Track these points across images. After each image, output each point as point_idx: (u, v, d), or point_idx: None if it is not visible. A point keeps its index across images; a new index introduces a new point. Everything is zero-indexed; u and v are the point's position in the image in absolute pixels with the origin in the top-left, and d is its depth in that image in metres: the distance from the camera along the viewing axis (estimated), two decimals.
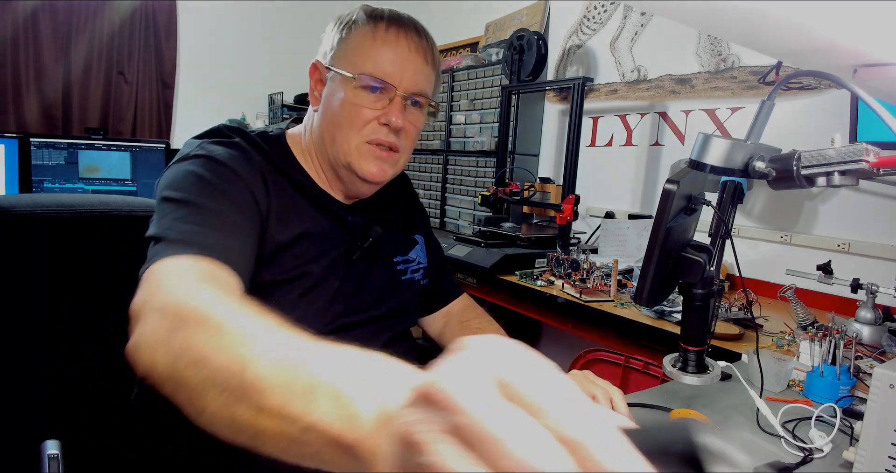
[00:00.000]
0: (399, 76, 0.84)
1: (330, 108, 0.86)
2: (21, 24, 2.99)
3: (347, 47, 0.85)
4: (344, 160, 0.86)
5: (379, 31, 0.84)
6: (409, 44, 0.85)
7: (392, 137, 0.86)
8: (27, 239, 0.91)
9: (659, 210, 0.72)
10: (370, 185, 0.89)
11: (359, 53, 0.84)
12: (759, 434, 0.83)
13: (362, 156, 0.85)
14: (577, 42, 2.46)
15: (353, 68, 0.83)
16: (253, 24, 3.70)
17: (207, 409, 0.38)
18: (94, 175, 2.75)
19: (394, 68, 0.83)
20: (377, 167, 0.86)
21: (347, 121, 0.84)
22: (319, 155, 0.89)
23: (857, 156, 0.60)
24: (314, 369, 0.34)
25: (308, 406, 0.32)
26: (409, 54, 0.84)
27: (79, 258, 0.91)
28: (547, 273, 1.78)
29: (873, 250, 1.56)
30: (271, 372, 0.35)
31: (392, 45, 0.83)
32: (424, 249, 1.06)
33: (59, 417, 0.87)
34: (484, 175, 2.57)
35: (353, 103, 0.83)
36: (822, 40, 0.59)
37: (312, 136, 0.90)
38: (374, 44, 0.83)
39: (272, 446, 0.34)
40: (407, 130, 0.87)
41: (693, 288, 0.78)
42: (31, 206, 0.92)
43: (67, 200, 0.97)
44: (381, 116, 0.84)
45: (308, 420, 0.31)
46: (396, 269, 0.97)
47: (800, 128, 1.70)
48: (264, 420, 0.34)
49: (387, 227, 0.98)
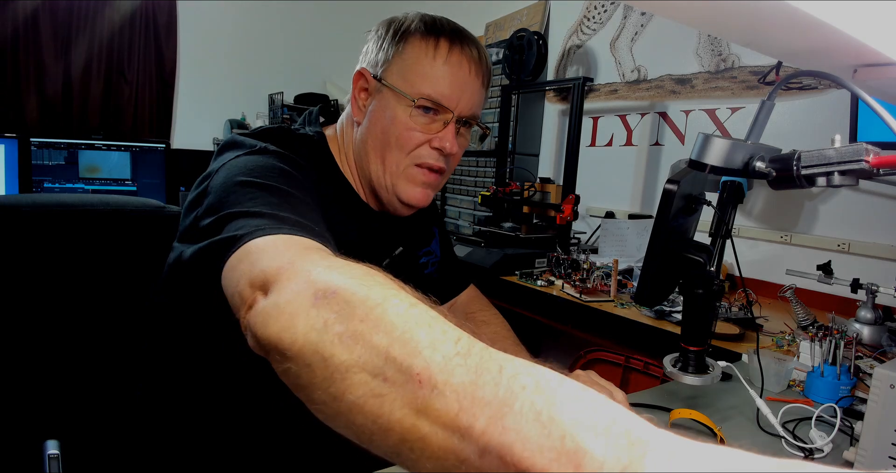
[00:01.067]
0: (457, 99, 0.80)
1: (378, 125, 0.81)
2: (21, 24, 2.98)
3: (404, 62, 0.80)
4: (389, 181, 0.82)
5: (441, 50, 0.79)
6: (471, 66, 0.81)
7: (442, 161, 0.83)
8: (27, 239, 0.91)
9: (659, 210, 0.72)
10: (410, 208, 0.86)
11: (417, 72, 0.79)
12: (760, 434, 0.83)
13: (409, 180, 0.83)
14: (577, 42, 2.46)
15: (409, 87, 0.79)
16: (253, 23, 3.69)
17: (348, 396, 0.32)
18: (94, 175, 2.75)
19: (452, 91, 0.79)
20: (422, 192, 0.84)
21: (398, 142, 0.81)
22: (360, 170, 0.86)
23: (857, 156, 0.60)
24: (514, 377, 0.27)
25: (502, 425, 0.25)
26: (468, 78, 0.81)
27: (79, 258, 0.91)
28: (547, 273, 1.78)
29: (873, 250, 1.56)
30: (451, 368, 0.29)
31: (454, 67, 0.79)
32: (439, 241, 1.06)
33: (59, 417, 0.87)
34: (484, 175, 2.57)
35: (406, 125, 0.80)
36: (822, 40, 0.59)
37: (354, 148, 0.86)
38: (435, 64, 0.79)
39: (425, 461, 0.28)
40: (457, 155, 0.84)
41: (693, 288, 0.78)
42: (31, 206, 0.92)
43: (67, 200, 0.97)
44: (433, 140, 0.81)
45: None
46: (419, 264, 0.97)
47: (800, 128, 1.70)
48: (426, 426, 0.28)
49: (408, 221, 0.96)
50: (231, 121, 3.49)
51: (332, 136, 0.89)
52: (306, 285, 0.40)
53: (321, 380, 0.33)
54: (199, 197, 0.67)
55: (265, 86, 3.68)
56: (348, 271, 0.41)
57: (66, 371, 0.75)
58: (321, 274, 0.41)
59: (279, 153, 0.73)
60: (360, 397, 0.31)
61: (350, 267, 0.42)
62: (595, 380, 0.80)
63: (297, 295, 0.39)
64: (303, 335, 0.36)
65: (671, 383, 0.99)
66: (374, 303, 0.35)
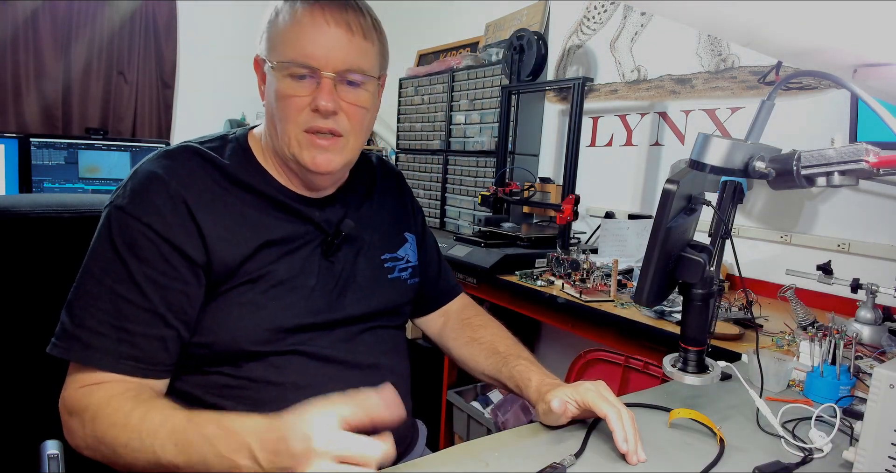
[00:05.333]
0: (324, 56, 0.78)
1: (269, 102, 0.83)
2: (21, 24, 2.99)
3: (273, 36, 0.81)
4: (289, 153, 0.82)
5: (296, 13, 0.79)
6: (330, 19, 0.78)
7: (330, 122, 0.81)
8: (27, 239, 0.91)
9: (659, 210, 0.72)
10: (322, 176, 0.86)
11: (280, 41, 0.80)
12: (759, 434, 0.83)
13: (303, 147, 0.82)
14: (577, 42, 2.46)
15: (277, 57, 0.80)
16: (253, 24, 3.69)
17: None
18: (94, 175, 2.75)
19: (316, 49, 0.78)
20: (320, 157, 0.82)
21: (282, 112, 0.81)
22: (275, 151, 0.86)
23: (857, 156, 0.60)
24: (201, 446, 0.63)
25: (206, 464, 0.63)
26: (331, 30, 0.78)
27: (79, 258, 0.91)
28: (547, 273, 1.78)
29: (873, 250, 1.56)
30: (176, 455, 0.64)
31: (310, 25, 0.78)
32: (415, 248, 1.04)
33: (59, 417, 0.87)
34: (484, 175, 2.57)
35: (283, 94, 0.80)
36: (822, 40, 0.59)
37: (266, 132, 0.88)
38: (293, 27, 0.79)
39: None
40: (346, 111, 0.82)
41: (693, 288, 0.78)
42: (31, 206, 0.92)
43: (67, 200, 0.97)
44: (311, 102, 0.80)
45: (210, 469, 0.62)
46: (383, 267, 0.96)
47: (800, 128, 1.70)
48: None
49: (374, 224, 0.96)
50: (231, 120, 3.49)
51: (255, 135, 0.90)
52: (93, 440, 0.70)
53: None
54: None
55: None
56: (120, 415, 0.69)
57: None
58: (100, 433, 0.70)
59: (130, 215, 0.76)
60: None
61: (124, 410, 0.70)
62: (605, 396, 0.77)
63: (83, 438, 0.72)
64: (92, 456, 0.72)
65: (671, 383, 0.99)
66: (133, 432, 0.68)
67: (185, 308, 0.76)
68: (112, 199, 0.79)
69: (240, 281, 0.79)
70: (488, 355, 1.00)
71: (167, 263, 0.75)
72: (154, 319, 0.74)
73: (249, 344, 0.78)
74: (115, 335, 0.73)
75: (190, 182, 0.79)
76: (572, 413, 0.79)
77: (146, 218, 0.75)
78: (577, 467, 0.71)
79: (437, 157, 2.89)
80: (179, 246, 0.76)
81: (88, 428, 0.69)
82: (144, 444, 0.65)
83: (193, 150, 0.84)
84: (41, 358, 0.90)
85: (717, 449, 0.76)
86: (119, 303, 0.73)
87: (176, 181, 0.78)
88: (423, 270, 1.06)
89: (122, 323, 0.73)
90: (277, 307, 0.81)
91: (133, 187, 0.78)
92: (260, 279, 0.80)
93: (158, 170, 0.79)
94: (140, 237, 0.75)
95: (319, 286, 0.85)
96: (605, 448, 0.75)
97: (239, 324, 0.78)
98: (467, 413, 2.12)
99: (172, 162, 0.81)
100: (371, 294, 0.91)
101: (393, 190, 1.05)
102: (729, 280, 1.72)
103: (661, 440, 0.79)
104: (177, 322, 0.76)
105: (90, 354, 0.72)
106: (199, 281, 0.77)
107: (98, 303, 0.73)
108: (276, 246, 0.82)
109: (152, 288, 0.74)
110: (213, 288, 0.78)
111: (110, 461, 0.69)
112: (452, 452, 0.75)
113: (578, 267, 1.66)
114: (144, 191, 0.77)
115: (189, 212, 0.77)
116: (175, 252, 0.76)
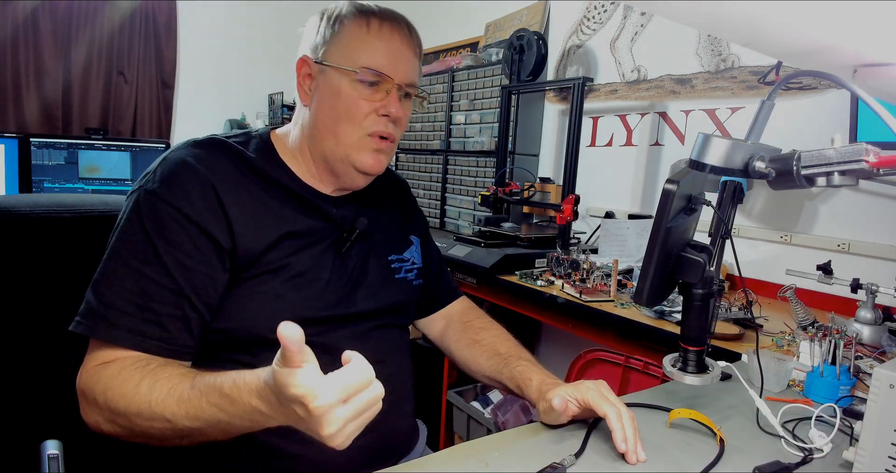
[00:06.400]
0: (394, 68, 0.86)
1: (327, 103, 0.87)
2: (21, 24, 2.99)
3: (340, 42, 0.86)
4: (343, 153, 0.87)
5: (373, 26, 0.86)
6: (401, 38, 0.88)
7: (391, 128, 0.88)
8: (27, 239, 0.91)
9: (659, 210, 0.72)
10: (367, 177, 0.91)
11: (354, 48, 0.85)
12: (759, 434, 0.83)
13: (362, 149, 0.87)
14: (577, 42, 2.46)
15: (350, 62, 0.85)
16: (253, 24, 3.70)
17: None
18: (94, 175, 2.75)
19: (389, 61, 0.86)
20: (374, 159, 0.88)
21: (347, 114, 0.86)
22: (312, 150, 0.90)
23: (857, 156, 0.60)
24: (212, 414, 0.65)
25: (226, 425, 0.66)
26: (401, 47, 0.87)
27: (78, 258, 0.91)
28: (547, 273, 1.78)
29: (873, 250, 1.56)
30: (192, 421, 0.67)
31: (386, 39, 0.86)
32: (420, 250, 1.07)
33: (59, 417, 0.87)
34: (484, 175, 2.56)
35: (352, 96, 0.85)
36: (822, 40, 0.59)
37: (304, 133, 0.91)
38: (369, 38, 0.86)
39: (214, 434, 0.68)
40: (402, 120, 0.90)
41: (693, 288, 0.78)
42: (31, 206, 0.92)
43: (67, 200, 0.97)
44: (379, 108, 0.86)
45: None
46: (391, 267, 0.98)
47: (800, 128, 1.70)
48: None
49: (383, 226, 0.99)
50: (231, 121, 3.49)
51: (284, 133, 0.94)
52: (107, 413, 0.72)
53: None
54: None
55: (265, 87, 3.68)
56: (142, 389, 0.70)
57: (66, 371, 0.75)
58: (117, 405, 0.71)
59: (162, 199, 0.77)
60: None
61: (145, 385, 0.71)
62: (605, 395, 0.78)
63: (97, 419, 0.74)
64: (112, 432, 0.74)
65: (671, 383, 0.99)
66: (147, 404, 0.69)
67: (210, 291, 0.78)
68: (141, 184, 0.81)
69: (261, 269, 0.81)
70: (489, 357, 1.01)
71: (195, 246, 0.77)
72: (180, 300, 0.76)
73: (267, 332, 0.79)
74: (141, 315, 0.74)
75: (218, 170, 0.82)
76: (573, 412, 0.79)
77: (176, 202, 0.77)
78: (577, 467, 0.71)
79: (437, 157, 2.89)
80: (208, 230, 0.78)
81: (101, 401, 0.70)
82: (155, 413, 0.67)
83: (221, 142, 0.87)
84: (41, 358, 0.90)
85: (717, 449, 0.76)
86: (146, 284, 0.75)
87: (205, 168, 0.81)
88: (425, 272, 1.08)
89: (148, 303, 0.75)
90: (296, 298, 0.83)
91: (163, 173, 0.80)
92: (280, 269, 0.82)
93: (188, 158, 0.82)
94: (169, 220, 0.77)
95: (333, 281, 0.88)
96: (606, 447, 0.75)
97: (259, 312, 0.80)
98: (467, 413, 2.12)
99: (201, 150, 0.84)
100: (380, 291, 0.94)
101: (400, 197, 1.09)
102: (729, 280, 1.72)
103: (661, 440, 0.79)
104: (201, 305, 0.77)
105: (116, 333, 0.73)
106: (223, 266, 0.79)
107: (125, 283, 0.75)
108: (296, 239, 0.85)
109: (179, 270, 0.76)
110: (235, 275, 0.81)
111: (128, 431, 0.71)
112: (452, 452, 0.75)
113: (578, 267, 1.66)
114: (175, 177, 0.80)
115: (217, 199, 0.80)
116: (203, 235, 0.78)
